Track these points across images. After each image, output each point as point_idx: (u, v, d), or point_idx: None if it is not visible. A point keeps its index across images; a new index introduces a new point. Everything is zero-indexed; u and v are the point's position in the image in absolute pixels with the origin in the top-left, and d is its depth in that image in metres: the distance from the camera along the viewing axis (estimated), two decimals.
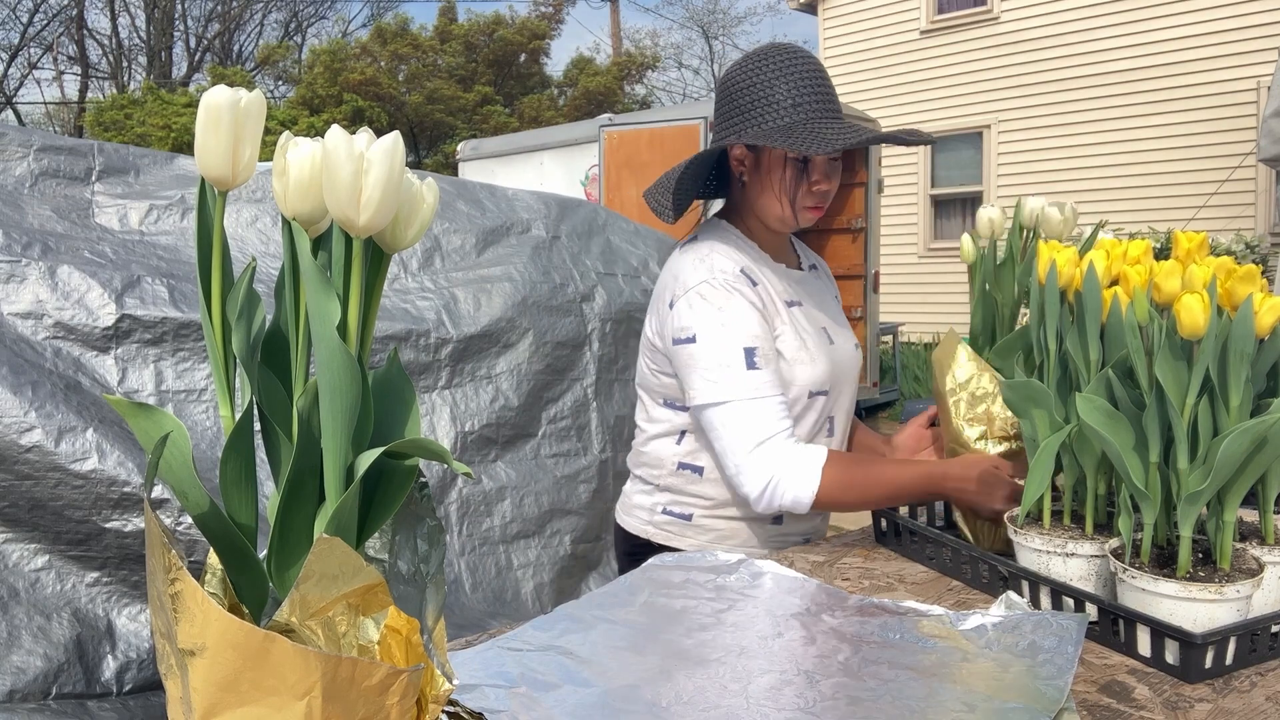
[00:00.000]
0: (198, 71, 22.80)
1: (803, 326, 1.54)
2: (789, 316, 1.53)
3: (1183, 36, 9.46)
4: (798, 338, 1.51)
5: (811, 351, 1.52)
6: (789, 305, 1.54)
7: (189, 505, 0.64)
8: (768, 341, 1.47)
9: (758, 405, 1.43)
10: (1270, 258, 8.10)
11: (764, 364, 1.45)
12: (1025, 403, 1.21)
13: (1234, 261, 1.11)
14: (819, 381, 1.52)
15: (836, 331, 1.61)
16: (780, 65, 1.48)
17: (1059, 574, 1.17)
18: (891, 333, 8.77)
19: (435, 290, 2.60)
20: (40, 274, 1.93)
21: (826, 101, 1.48)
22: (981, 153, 10.80)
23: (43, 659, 1.70)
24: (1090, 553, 1.16)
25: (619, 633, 1.08)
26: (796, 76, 1.47)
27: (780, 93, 1.46)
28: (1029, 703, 0.90)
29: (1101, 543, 1.17)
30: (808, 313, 1.57)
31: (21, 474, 1.72)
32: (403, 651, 0.67)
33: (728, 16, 40.10)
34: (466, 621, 2.26)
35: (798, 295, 1.58)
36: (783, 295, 1.54)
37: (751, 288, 1.49)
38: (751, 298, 1.48)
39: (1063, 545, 1.17)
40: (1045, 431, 1.20)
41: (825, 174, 1.51)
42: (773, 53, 1.51)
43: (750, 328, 1.45)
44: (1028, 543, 1.19)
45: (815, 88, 1.47)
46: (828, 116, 1.46)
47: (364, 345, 0.67)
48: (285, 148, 0.64)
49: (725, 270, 1.48)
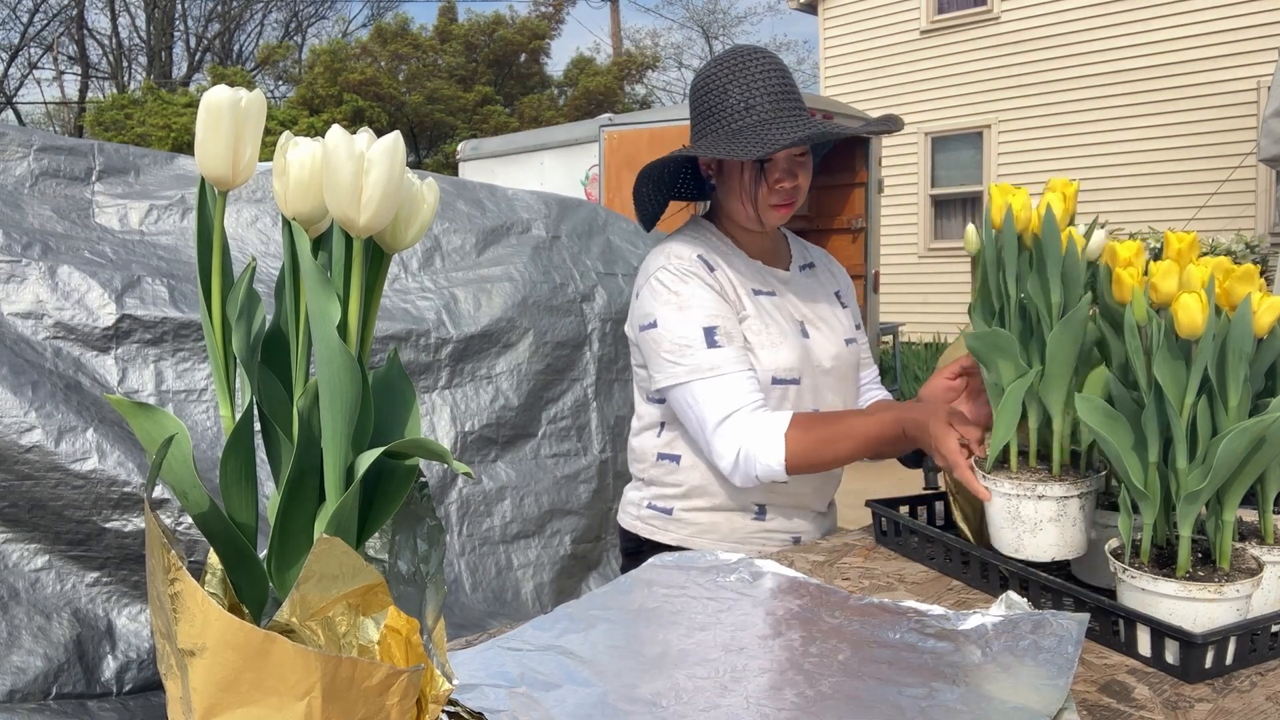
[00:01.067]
0: (198, 71, 22.80)
1: (768, 313, 1.54)
2: (754, 303, 1.53)
3: (1183, 36, 9.46)
4: (760, 322, 1.52)
5: (773, 337, 1.51)
6: (756, 294, 1.55)
7: (189, 505, 0.64)
8: (729, 320, 1.48)
9: (721, 381, 1.44)
10: (1270, 258, 8.10)
11: (725, 341, 1.46)
12: (991, 352, 1.21)
13: (1231, 261, 1.11)
14: (782, 368, 1.51)
15: (819, 325, 1.61)
16: (733, 69, 1.49)
17: (1029, 516, 1.18)
18: (891, 333, 8.76)
19: (435, 290, 2.60)
20: (40, 274, 1.93)
21: (780, 100, 1.47)
22: (981, 153, 10.79)
23: (43, 659, 1.70)
24: (1059, 493, 1.16)
25: (619, 633, 1.09)
26: (748, 79, 1.47)
27: (734, 97, 1.47)
28: (1029, 703, 0.90)
29: (1070, 483, 1.17)
30: (781, 304, 1.57)
31: (21, 474, 1.72)
32: (403, 651, 0.67)
33: (728, 16, 40.09)
34: (466, 621, 2.26)
35: (771, 288, 1.58)
36: (749, 284, 1.55)
37: (709, 272, 1.50)
38: (709, 280, 1.49)
39: (1032, 488, 1.17)
40: (1010, 377, 1.20)
41: (788, 172, 1.50)
42: (729, 57, 1.52)
43: (708, 307, 1.47)
44: (997, 487, 1.19)
45: (768, 88, 1.47)
46: (781, 116, 1.46)
47: (364, 345, 0.67)
48: (285, 148, 0.64)
49: (681, 255, 1.52)
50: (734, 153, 1.40)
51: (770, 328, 1.52)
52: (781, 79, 1.49)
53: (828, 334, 1.61)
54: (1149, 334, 1.09)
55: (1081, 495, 1.15)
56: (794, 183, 1.51)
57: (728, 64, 1.50)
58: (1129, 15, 9.74)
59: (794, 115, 1.47)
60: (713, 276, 1.50)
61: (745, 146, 1.41)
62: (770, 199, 1.51)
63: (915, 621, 1.10)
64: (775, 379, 1.51)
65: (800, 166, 1.52)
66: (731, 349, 1.46)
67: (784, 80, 1.50)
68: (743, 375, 1.45)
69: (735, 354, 1.46)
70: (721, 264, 1.54)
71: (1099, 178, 9.91)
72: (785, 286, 1.61)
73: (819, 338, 1.59)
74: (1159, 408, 1.08)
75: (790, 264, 1.67)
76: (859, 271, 7.62)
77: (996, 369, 1.21)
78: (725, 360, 1.45)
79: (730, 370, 1.44)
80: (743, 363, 1.46)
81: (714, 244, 1.58)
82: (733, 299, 1.51)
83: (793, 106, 1.48)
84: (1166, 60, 9.55)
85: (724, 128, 1.48)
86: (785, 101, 1.48)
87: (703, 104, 1.52)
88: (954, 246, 10.76)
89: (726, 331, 1.47)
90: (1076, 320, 1.13)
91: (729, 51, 1.54)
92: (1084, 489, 1.15)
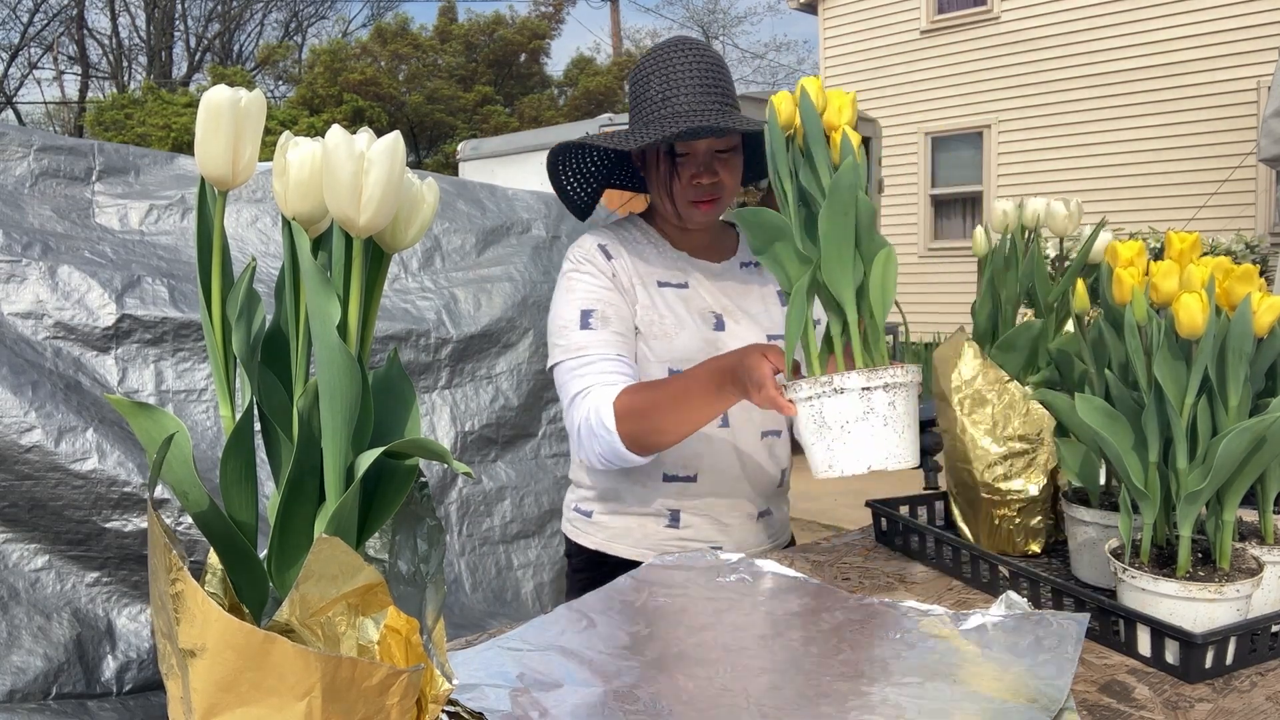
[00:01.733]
0: (198, 71, 22.80)
1: (668, 305, 1.51)
2: (654, 294, 1.51)
3: (1183, 36, 9.46)
4: (655, 313, 1.49)
5: (667, 328, 1.49)
6: (661, 285, 1.52)
7: (189, 505, 0.64)
8: (612, 306, 1.46)
9: (582, 363, 1.43)
10: (1270, 258, 8.10)
11: (599, 325, 1.44)
12: (766, 242, 1.11)
13: (1231, 261, 1.11)
14: (677, 359, 1.48)
15: (739, 319, 1.55)
16: (659, 61, 1.46)
17: (833, 418, 1.05)
18: (892, 333, 8.77)
19: (435, 290, 2.60)
20: (40, 274, 1.93)
21: (700, 93, 1.43)
22: (981, 153, 10.79)
23: (43, 659, 1.70)
24: (859, 384, 1.04)
25: (619, 633, 1.09)
26: (670, 70, 1.44)
27: (654, 88, 1.44)
28: (1029, 703, 0.90)
29: (869, 373, 1.05)
30: (689, 296, 1.53)
31: (21, 474, 1.72)
32: (403, 651, 0.67)
33: (728, 16, 40.12)
34: (466, 621, 2.26)
35: (684, 280, 1.54)
36: (655, 275, 1.52)
37: (606, 260, 1.49)
38: (602, 268, 1.48)
39: (829, 382, 1.05)
40: (795, 270, 1.11)
41: (705, 167, 1.45)
42: (660, 48, 1.48)
43: (591, 292, 1.46)
44: (798, 393, 1.08)
45: (688, 80, 1.42)
46: (696, 109, 1.42)
47: (364, 345, 0.67)
48: (285, 147, 0.64)
49: (583, 245, 1.51)
50: (623, 143, 1.37)
51: (666, 318, 1.49)
52: (706, 71, 1.44)
53: (748, 327, 1.55)
54: (1149, 334, 1.09)
55: (887, 386, 1.02)
56: (713, 179, 1.45)
57: (656, 55, 1.47)
58: (1129, 15, 9.74)
59: (711, 109, 1.42)
60: (609, 264, 1.49)
61: (637, 138, 1.38)
62: (687, 194, 1.46)
63: (915, 621, 1.10)
64: (672, 370, 1.48)
65: (722, 164, 1.46)
66: (605, 332, 1.44)
67: (709, 73, 1.44)
68: (608, 359, 1.42)
69: (607, 337, 1.44)
70: (625, 255, 1.51)
71: (1099, 178, 9.91)
72: (707, 279, 1.56)
73: (737, 330, 1.53)
74: (1159, 408, 1.08)
75: (730, 258, 1.61)
76: None
77: (780, 265, 1.12)
78: (594, 342, 1.43)
79: (595, 352, 1.43)
80: (612, 346, 1.44)
81: (628, 237, 1.55)
82: (626, 286, 1.49)
83: (713, 100, 1.43)
84: (1166, 60, 9.55)
85: (639, 119, 1.46)
86: (705, 95, 1.43)
87: (630, 95, 1.50)
88: (954, 246, 10.76)
89: (603, 315, 1.45)
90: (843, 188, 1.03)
91: (663, 43, 1.50)
92: (888, 379, 1.02)
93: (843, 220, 1.04)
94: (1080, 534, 1.30)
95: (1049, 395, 1.31)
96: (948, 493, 1.51)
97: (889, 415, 1.01)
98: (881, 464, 1.02)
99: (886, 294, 1.04)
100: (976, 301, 1.52)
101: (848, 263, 1.05)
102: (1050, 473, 1.40)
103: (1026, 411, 1.40)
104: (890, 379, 1.02)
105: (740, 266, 1.61)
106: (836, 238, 1.05)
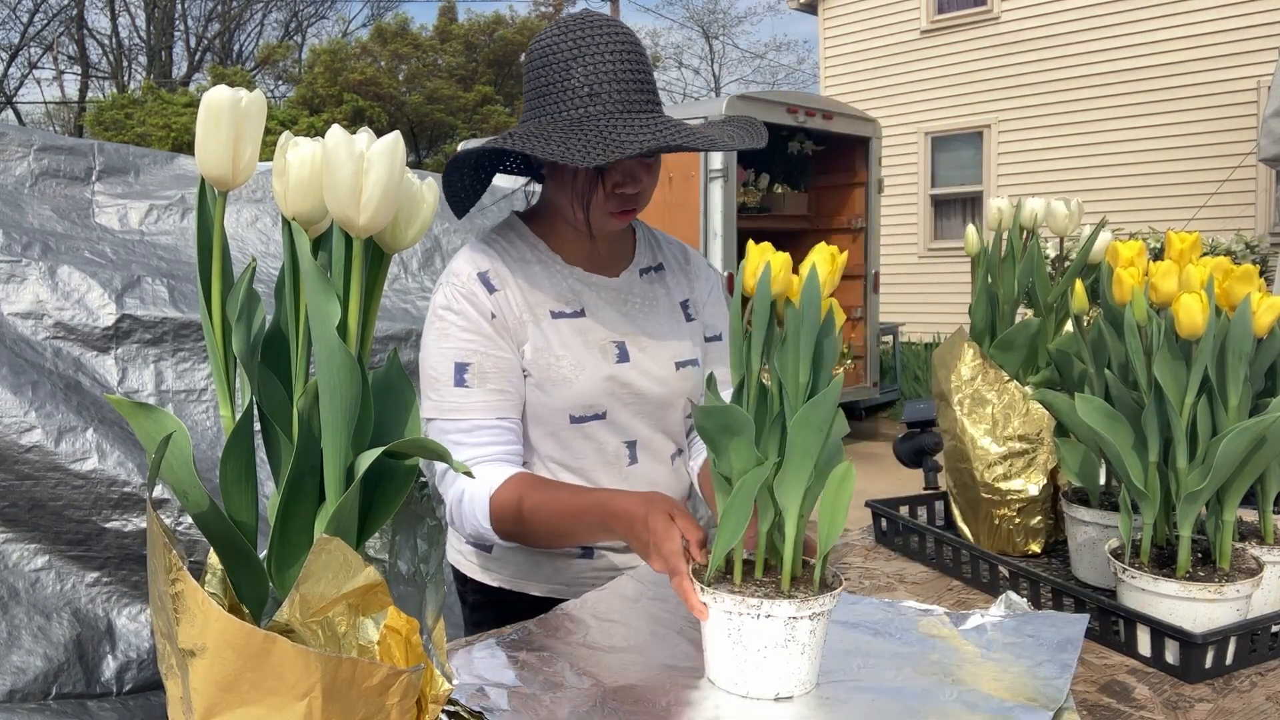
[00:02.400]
0: (198, 71, 22.81)
1: (567, 339, 1.33)
2: (549, 328, 1.33)
3: (1183, 36, 9.46)
4: (551, 355, 1.32)
5: (566, 370, 1.32)
6: (556, 316, 1.34)
7: (189, 505, 0.64)
8: (488, 357, 1.30)
9: (458, 428, 1.29)
10: (1270, 258, 8.10)
11: (476, 382, 1.28)
12: (721, 434, 0.95)
13: (1231, 261, 1.11)
14: (580, 405, 1.33)
15: (643, 346, 1.39)
16: (579, 43, 1.25)
17: (752, 639, 0.93)
18: (891, 333, 8.77)
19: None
20: (40, 274, 1.93)
21: (631, 90, 1.25)
22: (981, 153, 10.80)
23: (43, 659, 1.70)
24: (789, 613, 0.92)
25: (619, 633, 1.09)
26: (595, 58, 1.24)
27: (576, 77, 1.24)
28: (1029, 703, 0.90)
29: (800, 600, 0.93)
30: (587, 326, 1.36)
31: (21, 474, 1.72)
32: (403, 651, 0.67)
33: (728, 16, 40.09)
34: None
35: (580, 305, 1.36)
36: (548, 304, 1.34)
37: (488, 294, 1.31)
38: (483, 305, 1.30)
39: (757, 605, 0.93)
40: (742, 463, 0.96)
41: (630, 175, 1.29)
42: (575, 25, 1.28)
43: (467, 342, 1.29)
44: (717, 604, 0.94)
45: (618, 73, 1.25)
46: (631, 110, 1.25)
47: (364, 345, 0.67)
48: (285, 147, 0.64)
49: (459, 273, 1.32)
50: (571, 155, 1.17)
51: (563, 359, 1.32)
52: (635, 62, 1.27)
53: (654, 356, 1.39)
54: (1149, 334, 1.09)
55: (814, 616, 0.93)
56: (637, 188, 1.30)
57: (573, 35, 1.26)
58: (1129, 15, 9.74)
59: (645, 111, 1.26)
60: (492, 299, 1.31)
61: (585, 147, 1.19)
62: (608, 205, 1.30)
63: (914, 621, 1.10)
64: (573, 417, 1.34)
65: (646, 170, 1.31)
66: (481, 391, 1.28)
67: (637, 64, 1.27)
68: (486, 425, 1.29)
69: (484, 397, 1.28)
70: (512, 281, 1.33)
71: (1099, 178, 9.91)
72: (605, 298, 1.39)
73: (642, 360, 1.38)
74: (1159, 408, 1.08)
75: (627, 267, 1.44)
76: (859, 271, 7.62)
77: (727, 456, 0.97)
78: (471, 404, 1.28)
79: (473, 417, 1.28)
80: (491, 409, 1.29)
81: (515, 253, 1.36)
82: (513, 325, 1.32)
83: (644, 100, 1.26)
84: (1166, 60, 9.55)
85: (562, 114, 1.25)
86: (637, 92, 1.26)
87: (539, 79, 1.28)
88: (954, 246, 10.76)
89: (480, 371, 1.29)
90: (825, 405, 0.92)
91: (574, 18, 1.30)
92: (817, 608, 0.93)
93: (815, 436, 0.93)
94: (1080, 534, 1.30)
95: (1049, 395, 1.31)
96: (948, 493, 1.51)
97: (808, 644, 0.94)
98: (789, 692, 0.94)
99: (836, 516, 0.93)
100: (973, 301, 1.52)
101: (803, 478, 0.95)
102: (1050, 473, 1.40)
103: (1026, 411, 1.40)
104: (819, 608, 0.93)
105: (640, 275, 1.45)
106: (802, 450, 0.94)
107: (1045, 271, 1.47)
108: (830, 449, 0.96)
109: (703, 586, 0.96)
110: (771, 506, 0.97)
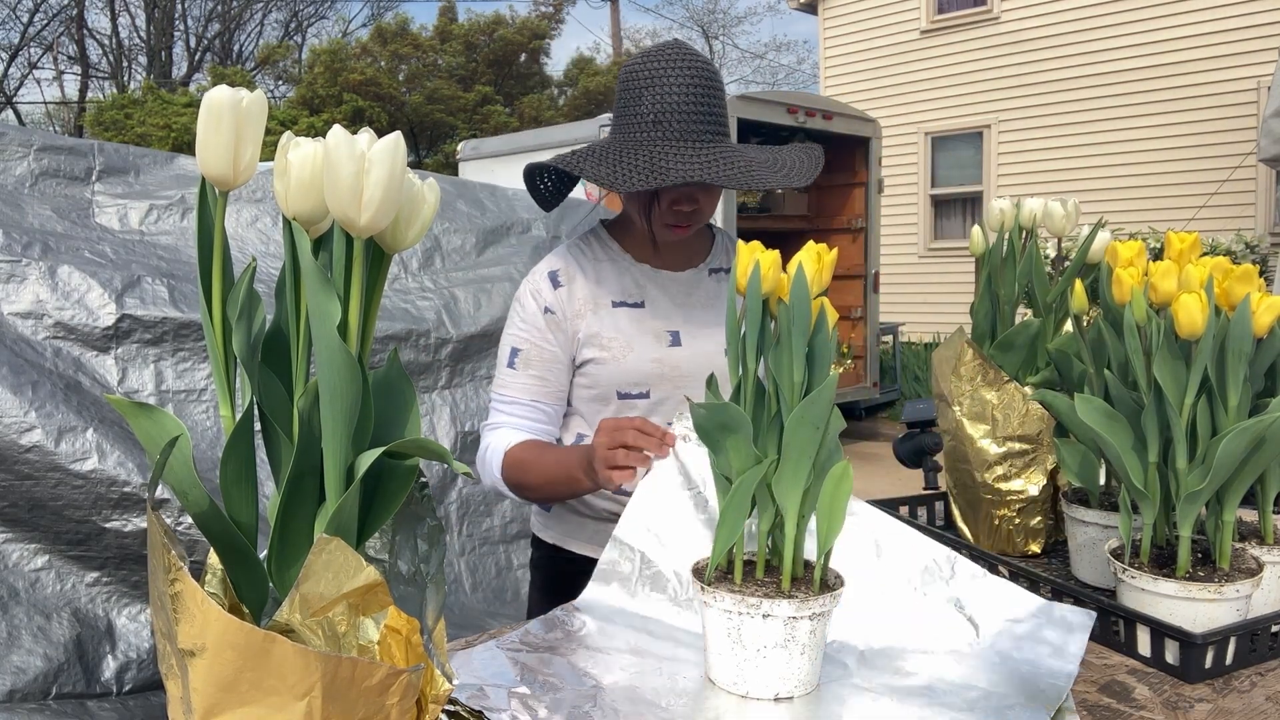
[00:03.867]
0: (198, 71, 22.80)
1: (621, 325, 1.47)
2: (606, 315, 1.47)
3: (1183, 36, 9.46)
4: (604, 336, 1.46)
5: (617, 351, 1.46)
6: (617, 305, 1.48)
7: (189, 505, 0.64)
8: (537, 348, 1.46)
9: (500, 399, 1.48)
10: (1270, 258, 8.10)
11: (523, 366, 1.47)
12: (719, 431, 0.98)
13: (1231, 261, 1.11)
14: (628, 382, 1.46)
15: (698, 334, 1.50)
16: (654, 72, 1.37)
17: (751, 639, 0.95)
18: (891, 333, 8.77)
19: (435, 290, 2.60)
20: (40, 274, 1.93)
21: (694, 120, 1.35)
22: (981, 153, 10.79)
23: (43, 659, 1.70)
24: (789, 613, 0.94)
25: (619, 633, 1.09)
26: (665, 87, 1.35)
27: (646, 104, 1.36)
28: (1029, 702, 0.90)
29: (801, 600, 0.94)
30: (643, 316, 1.48)
31: (21, 474, 1.72)
32: (403, 651, 0.67)
33: (728, 16, 40.12)
34: (466, 621, 2.27)
35: (641, 297, 1.49)
36: (610, 295, 1.48)
37: (553, 290, 1.47)
38: (547, 300, 1.47)
39: (757, 605, 0.94)
40: (741, 462, 0.97)
41: (686, 195, 1.39)
42: (655, 54, 1.40)
43: (524, 331, 1.47)
44: (716, 603, 0.96)
45: (683, 104, 1.35)
46: (688, 139, 1.35)
47: (364, 345, 0.67)
48: (286, 148, 0.64)
49: (536, 271, 1.51)
50: (614, 180, 1.29)
51: (615, 340, 1.46)
52: (703, 90, 1.37)
53: (707, 342, 1.50)
54: (1149, 334, 1.09)
55: (814, 616, 0.94)
56: (693, 206, 1.40)
57: (651, 64, 1.38)
58: (1129, 15, 9.74)
59: (703, 140, 1.36)
60: (555, 294, 1.47)
61: (630, 173, 1.30)
62: (665, 218, 1.41)
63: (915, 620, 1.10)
64: (620, 393, 1.47)
65: (703, 190, 1.41)
66: (524, 375, 1.47)
67: (704, 94, 1.37)
68: (520, 403, 1.47)
69: (525, 380, 1.47)
70: (580, 277, 1.48)
71: (1099, 178, 9.91)
72: (667, 291, 1.51)
73: (694, 345, 1.49)
74: (1159, 408, 1.08)
75: (699, 264, 1.55)
76: (859, 271, 7.62)
77: (725, 454, 0.99)
78: (514, 383, 1.47)
79: (512, 394, 1.47)
80: (528, 390, 1.46)
81: (590, 253, 1.51)
82: (570, 317, 1.46)
83: (704, 130, 1.36)
84: (1166, 60, 9.54)
85: (630, 137, 1.37)
86: (699, 123, 1.36)
87: (620, 102, 1.41)
88: (954, 246, 10.76)
89: (527, 358, 1.47)
90: (821, 402, 0.94)
91: (658, 46, 1.41)
92: (817, 609, 0.94)
93: (811, 433, 0.94)
94: (1080, 534, 1.30)
95: (1049, 395, 1.31)
96: (948, 493, 1.51)
97: (808, 644, 0.95)
98: (789, 693, 0.95)
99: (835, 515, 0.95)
100: (975, 301, 1.52)
101: (802, 475, 0.96)
102: (1050, 473, 1.40)
103: (1026, 411, 1.40)
104: (819, 609, 0.94)
105: (709, 274, 1.55)
106: (799, 447, 0.95)
107: (1044, 272, 1.48)
108: (828, 447, 0.97)
109: (703, 586, 0.97)
110: (771, 505, 0.98)
